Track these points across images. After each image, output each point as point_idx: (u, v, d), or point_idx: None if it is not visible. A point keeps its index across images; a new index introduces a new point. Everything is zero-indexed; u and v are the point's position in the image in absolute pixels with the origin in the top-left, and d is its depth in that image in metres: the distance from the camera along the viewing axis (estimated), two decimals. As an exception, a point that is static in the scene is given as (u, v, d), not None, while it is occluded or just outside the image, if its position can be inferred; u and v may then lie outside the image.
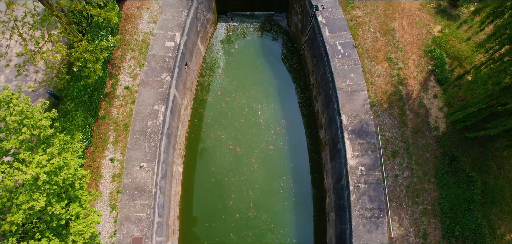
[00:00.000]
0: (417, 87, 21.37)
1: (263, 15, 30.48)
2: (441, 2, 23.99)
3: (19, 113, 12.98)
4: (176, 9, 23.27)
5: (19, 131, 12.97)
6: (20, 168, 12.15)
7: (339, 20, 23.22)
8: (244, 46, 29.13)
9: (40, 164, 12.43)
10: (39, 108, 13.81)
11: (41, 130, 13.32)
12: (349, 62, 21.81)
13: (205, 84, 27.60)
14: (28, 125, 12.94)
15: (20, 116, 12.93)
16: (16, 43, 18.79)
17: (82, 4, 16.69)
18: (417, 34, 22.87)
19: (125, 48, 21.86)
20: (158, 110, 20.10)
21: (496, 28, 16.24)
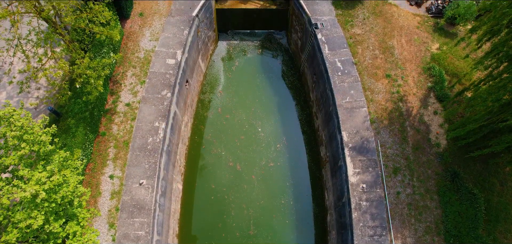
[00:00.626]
0: (417, 104, 21.44)
1: (263, 33, 30.91)
2: (439, 20, 24.37)
3: (19, 129, 12.98)
4: (177, 27, 23.62)
5: (18, 147, 12.94)
6: (19, 185, 12.04)
7: (338, 38, 23.53)
8: (244, 64, 29.40)
9: (39, 181, 12.33)
10: (39, 124, 13.82)
11: (40, 146, 13.29)
12: (349, 79, 21.96)
13: (206, 101, 27.70)
14: (27, 140, 12.92)
15: (20, 132, 12.92)
16: (19, 60, 18.99)
17: (85, 22, 16.95)
18: (416, 51, 23.14)
19: (126, 65, 22.06)
20: (159, 127, 20.09)
21: (494, 46, 16.43)
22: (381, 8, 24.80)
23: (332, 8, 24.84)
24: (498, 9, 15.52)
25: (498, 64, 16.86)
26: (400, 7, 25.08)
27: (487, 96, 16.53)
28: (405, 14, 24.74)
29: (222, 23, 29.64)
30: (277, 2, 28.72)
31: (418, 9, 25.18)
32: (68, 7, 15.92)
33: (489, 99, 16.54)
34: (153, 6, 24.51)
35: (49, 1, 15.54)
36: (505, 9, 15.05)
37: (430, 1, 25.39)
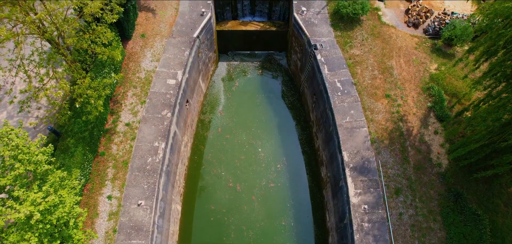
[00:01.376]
0: (417, 124, 21.40)
1: (263, 54, 31.29)
2: (436, 41, 24.70)
3: (14, 148, 12.89)
4: (178, 48, 23.94)
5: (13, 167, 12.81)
6: (14, 206, 11.83)
7: (337, 59, 23.78)
8: (244, 84, 29.61)
9: (34, 202, 12.13)
10: (36, 144, 13.74)
11: (36, 166, 13.16)
12: (348, 99, 22.03)
13: (206, 121, 27.71)
14: (22, 160, 12.79)
15: (15, 152, 12.82)
16: (21, 80, 19.12)
17: (88, 43, 17.18)
18: (415, 71, 23.32)
19: (127, 85, 22.20)
20: (158, 147, 19.99)
21: (491, 66, 16.56)
22: (379, 30, 25.20)
23: (331, 29, 25.24)
24: (494, 30, 15.75)
25: (497, 84, 16.95)
26: (398, 28, 25.48)
27: (487, 116, 16.51)
28: (403, 35, 25.12)
29: (222, 44, 30.07)
30: (276, 24, 29.23)
31: (415, 31, 25.58)
32: (71, 28, 16.19)
33: (489, 119, 16.52)
34: (155, 28, 24.94)
35: (53, 23, 15.80)
36: (501, 30, 15.27)
37: (427, 22, 25.83)
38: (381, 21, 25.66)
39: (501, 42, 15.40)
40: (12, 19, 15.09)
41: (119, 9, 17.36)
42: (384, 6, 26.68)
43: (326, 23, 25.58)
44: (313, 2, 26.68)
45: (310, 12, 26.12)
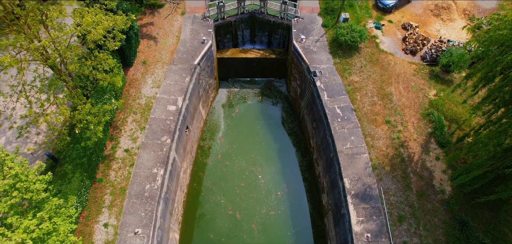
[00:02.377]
0: (418, 150, 21.24)
1: (263, 81, 31.62)
2: (434, 68, 25.01)
3: (13, 177, 12.70)
4: (179, 75, 24.21)
5: (10, 195, 12.56)
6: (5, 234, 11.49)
7: (337, 85, 23.98)
8: (244, 111, 29.70)
9: (27, 229, 11.80)
10: (34, 171, 13.56)
11: (33, 194, 12.92)
12: (348, 126, 21.99)
13: (206, 147, 27.56)
14: (20, 188, 12.58)
15: (14, 180, 12.62)
16: (22, 106, 19.19)
17: (89, 69, 17.38)
18: (414, 98, 23.44)
19: (127, 111, 22.26)
20: (157, 174, 19.73)
21: (490, 92, 16.65)
22: (377, 57, 25.59)
23: (330, 56, 25.63)
24: (491, 57, 15.96)
25: (496, 110, 16.95)
26: (396, 55, 25.88)
27: (488, 142, 16.40)
28: (401, 62, 25.47)
29: (223, 71, 30.46)
30: (276, 51, 29.74)
31: (413, 58, 25.97)
32: (74, 55, 16.43)
33: (490, 144, 16.40)
34: (156, 55, 25.35)
35: (56, 50, 16.06)
36: (497, 57, 15.46)
37: (424, 50, 26.28)
38: (379, 49, 26.11)
39: (498, 68, 15.56)
40: (17, 46, 15.35)
41: (121, 36, 17.70)
42: (381, 34, 27.24)
43: (325, 50, 26.02)
44: (311, 30, 27.29)
45: (309, 40, 26.65)
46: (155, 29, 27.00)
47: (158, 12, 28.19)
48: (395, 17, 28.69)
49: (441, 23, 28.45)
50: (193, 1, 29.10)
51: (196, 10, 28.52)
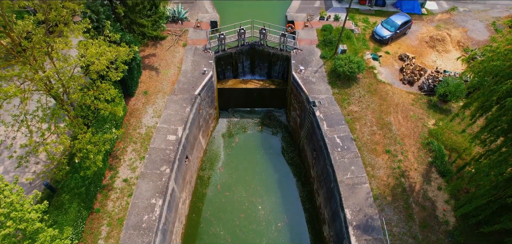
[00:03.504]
0: (419, 180, 21.04)
1: (263, 111, 31.90)
2: (432, 98, 25.31)
3: (8, 206, 12.55)
4: (180, 105, 24.48)
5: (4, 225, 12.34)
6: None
7: (336, 115, 24.17)
8: (244, 140, 29.73)
9: (20, 260, 11.48)
10: (30, 200, 13.41)
11: (28, 224, 12.69)
12: (349, 155, 21.93)
13: (205, 177, 27.33)
14: (14, 218, 12.38)
15: (8, 209, 12.45)
16: (22, 135, 19.27)
17: (91, 99, 17.62)
18: (413, 127, 23.54)
19: (127, 141, 22.31)
20: (155, 204, 19.45)
21: (488, 121, 16.74)
22: (375, 87, 25.97)
23: (328, 87, 26.02)
24: (486, 87, 16.20)
25: (495, 139, 16.97)
26: (394, 86, 26.28)
27: (488, 171, 16.29)
28: (399, 92, 25.82)
29: (223, 101, 30.81)
30: (276, 82, 30.24)
31: (411, 88, 26.35)
32: (77, 85, 16.73)
33: (491, 173, 16.27)
34: (158, 85, 25.77)
35: (60, 80, 16.39)
36: (493, 86, 15.71)
37: (422, 80, 26.72)
38: (377, 79, 26.56)
39: (494, 98, 15.75)
40: (22, 76, 15.67)
41: (123, 67, 18.10)
42: (379, 65, 27.81)
43: (323, 81, 26.47)
44: (310, 61, 27.90)
45: (308, 70, 27.18)
46: (157, 60, 27.65)
47: (160, 44, 28.99)
48: (392, 48, 29.42)
49: (437, 54, 29.14)
50: (195, 33, 30.01)
51: (198, 42, 29.33)
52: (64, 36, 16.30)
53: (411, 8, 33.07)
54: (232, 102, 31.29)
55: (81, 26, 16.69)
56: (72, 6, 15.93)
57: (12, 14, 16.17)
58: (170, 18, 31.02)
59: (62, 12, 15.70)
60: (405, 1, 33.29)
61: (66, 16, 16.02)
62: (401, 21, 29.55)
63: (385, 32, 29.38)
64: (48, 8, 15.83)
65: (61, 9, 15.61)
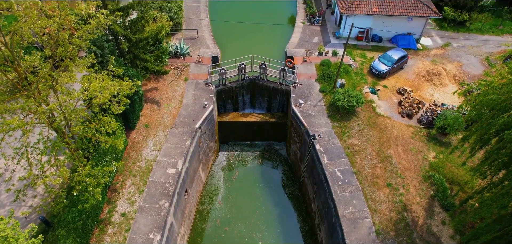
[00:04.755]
0: (422, 214, 20.66)
1: (263, 144, 31.93)
2: (430, 130, 25.45)
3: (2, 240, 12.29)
4: (180, 138, 24.58)
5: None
6: None
7: (336, 148, 24.19)
8: (244, 174, 29.52)
9: None
10: (26, 234, 13.15)
11: (22, 259, 12.36)
12: (350, 189, 21.71)
13: (204, 212, 26.85)
14: (9, 252, 12.09)
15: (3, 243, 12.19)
16: (22, 168, 19.22)
17: (93, 132, 17.74)
18: (414, 160, 23.48)
19: (127, 174, 22.18)
20: (153, 240, 18.98)
21: (487, 154, 16.74)
22: (375, 120, 26.19)
23: (328, 120, 26.25)
24: (484, 120, 16.37)
25: (496, 172, 16.88)
26: (393, 119, 26.52)
27: (491, 204, 16.05)
28: (399, 125, 26.01)
29: (223, 135, 30.94)
30: (276, 115, 30.54)
31: (410, 121, 26.57)
32: (79, 117, 16.93)
33: (494, 207, 16.03)
34: (159, 119, 26.03)
35: (62, 113, 16.60)
36: (490, 119, 15.88)
37: (420, 113, 27.00)
38: (376, 112, 26.86)
39: (492, 130, 15.86)
40: (25, 109, 15.90)
41: (126, 101, 18.39)
42: (377, 99, 28.23)
43: (323, 114, 26.75)
44: (310, 95, 28.35)
45: (307, 104, 27.55)
46: (158, 94, 28.12)
47: (162, 78, 29.62)
48: (390, 82, 30.00)
49: (434, 87, 29.66)
50: (196, 68, 30.75)
51: (199, 77, 29.98)
52: (69, 71, 16.73)
53: (407, 44, 34.12)
54: (232, 136, 31.41)
55: (86, 61, 17.18)
56: (78, 42, 16.47)
57: (21, 50, 16.71)
58: (173, 54, 31.92)
59: (69, 48, 16.22)
60: (401, 36, 34.41)
61: (72, 51, 16.53)
62: (398, 56, 30.37)
63: (382, 67, 30.10)
64: (55, 44, 16.38)
65: (68, 45, 16.14)
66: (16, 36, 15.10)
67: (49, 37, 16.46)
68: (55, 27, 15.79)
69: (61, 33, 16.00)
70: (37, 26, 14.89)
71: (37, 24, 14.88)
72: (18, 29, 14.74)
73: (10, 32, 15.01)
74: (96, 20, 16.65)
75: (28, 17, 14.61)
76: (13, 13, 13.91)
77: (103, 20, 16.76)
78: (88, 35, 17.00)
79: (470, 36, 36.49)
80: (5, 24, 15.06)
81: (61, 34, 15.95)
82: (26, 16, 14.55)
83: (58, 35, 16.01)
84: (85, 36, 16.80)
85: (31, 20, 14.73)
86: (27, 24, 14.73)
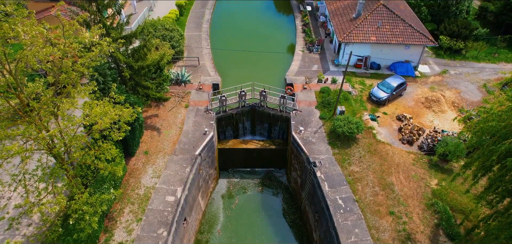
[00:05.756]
0: (427, 243, 20.13)
1: (263, 171, 31.62)
2: (432, 157, 25.29)
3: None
4: (180, 165, 24.38)
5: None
6: None
7: (337, 176, 23.95)
8: (244, 202, 29.04)
9: None
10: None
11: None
12: (352, 217, 21.28)
13: (203, 241, 26.16)
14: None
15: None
16: (18, 195, 18.90)
17: (92, 159, 17.61)
18: (416, 187, 23.17)
19: (125, 201, 21.80)
20: (150, 270, 18.39)
21: (491, 181, 16.56)
22: (375, 147, 26.09)
23: (328, 147, 26.15)
24: (485, 147, 16.31)
25: (501, 199, 16.63)
26: (394, 145, 26.43)
27: (498, 233, 15.69)
28: (399, 152, 25.88)
29: (223, 162, 30.71)
30: (276, 142, 30.45)
31: (410, 147, 26.47)
32: (79, 144, 16.85)
33: (501, 236, 15.65)
34: (159, 145, 25.93)
35: (62, 139, 16.55)
36: (491, 146, 15.82)
37: (421, 139, 26.94)
38: (377, 139, 26.81)
39: (494, 157, 15.76)
40: (26, 136, 15.85)
41: (126, 127, 18.37)
42: (377, 125, 28.27)
43: (323, 141, 26.69)
44: (310, 122, 28.42)
45: (308, 131, 27.55)
46: (159, 120, 28.18)
47: (163, 105, 29.81)
48: (389, 109, 30.16)
49: (433, 114, 29.79)
50: (197, 95, 31.01)
51: (200, 104, 30.18)
52: (71, 97, 16.83)
53: (405, 71, 34.63)
54: (233, 163, 31.18)
55: (88, 88, 17.33)
56: (81, 69, 16.69)
57: (24, 77, 16.89)
58: (174, 81, 32.31)
59: (72, 74, 16.42)
60: (399, 64, 35.00)
61: (74, 78, 16.71)
62: (397, 83, 30.72)
63: (381, 94, 30.38)
64: (59, 72, 16.59)
65: (71, 72, 16.34)
66: (21, 63, 15.31)
67: (52, 65, 16.69)
68: (59, 55, 16.05)
69: (64, 60, 16.25)
70: (42, 54, 15.13)
71: (42, 52, 15.13)
72: (23, 57, 14.97)
73: (15, 60, 15.23)
74: (99, 47, 16.96)
75: (34, 45, 14.87)
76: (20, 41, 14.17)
77: (106, 48, 17.08)
78: (91, 62, 17.25)
79: (466, 63, 37.13)
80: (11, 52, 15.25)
81: (65, 62, 16.19)
82: (32, 44, 14.82)
83: (62, 62, 16.25)
84: (88, 63, 17.04)
85: (37, 48, 14.99)
86: (32, 52, 14.97)
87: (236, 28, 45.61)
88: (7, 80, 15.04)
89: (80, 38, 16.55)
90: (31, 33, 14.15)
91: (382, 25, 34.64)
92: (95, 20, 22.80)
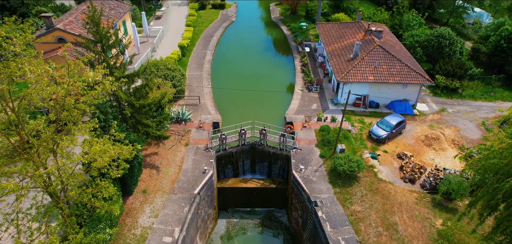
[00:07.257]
0: (436, 288, 19.17)
1: (263, 211, 30.88)
2: (435, 196, 24.80)
3: None
4: (178, 205, 23.85)
5: None
6: None
7: (339, 215, 23.35)
8: (244, 243, 28.04)
9: None
10: None
11: None
12: (355, 259, 20.46)
13: (201, 286, 24.94)
14: None
15: None
16: (9, 236, 18.25)
17: (89, 197, 17.24)
18: (420, 227, 22.49)
19: (120, 242, 21.05)
20: None
21: (498, 221, 16.13)
22: (377, 186, 25.69)
23: (329, 186, 25.75)
24: (489, 185, 16.08)
25: (510, 240, 16.09)
26: (396, 184, 26.03)
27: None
28: (402, 190, 25.43)
29: (222, 201, 30.07)
30: (276, 181, 30.02)
31: (412, 186, 26.05)
32: (76, 182, 16.59)
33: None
34: (157, 184, 25.53)
35: (59, 177, 16.31)
36: (495, 184, 15.60)
37: (423, 178, 26.59)
38: (378, 178, 26.46)
39: (499, 196, 15.49)
40: (22, 173, 15.64)
41: (125, 165, 18.20)
42: (378, 164, 28.03)
43: (324, 180, 26.33)
44: (310, 160, 28.21)
45: (308, 170, 27.27)
46: (158, 159, 27.99)
47: (163, 143, 29.75)
48: (389, 147, 30.08)
49: (434, 152, 29.66)
50: (197, 133, 31.06)
51: (200, 142, 30.15)
52: (72, 134, 16.82)
53: (404, 110, 34.99)
54: (232, 202, 30.52)
55: (89, 126, 17.38)
56: (84, 107, 16.85)
57: (26, 115, 17.00)
58: (174, 119, 32.53)
59: (73, 112, 16.53)
60: (397, 102, 35.44)
61: (76, 116, 16.82)
62: (396, 122, 30.91)
63: (381, 132, 30.45)
64: (61, 109, 16.73)
65: (72, 110, 16.47)
66: (25, 101, 15.48)
67: (55, 102, 16.87)
68: (63, 93, 16.27)
69: (67, 98, 16.45)
70: (46, 92, 15.34)
71: (46, 91, 15.34)
72: (27, 94, 15.17)
73: (19, 98, 15.41)
74: (102, 86, 17.24)
75: (39, 84, 15.12)
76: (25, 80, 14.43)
77: (109, 86, 17.35)
78: (93, 100, 17.44)
79: (463, 102, 37.62)
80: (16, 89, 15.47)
81: (67, 99, 16.38)
82: (37, 83, 15.07)
83: (65, 100, 16.43)
84: (90, 101, 17.23)
85: (41, 87, 15.23)
86: (36, 90, 15.19)
87: (237, 68, 46.78)
88: (9, 118, 15.12)
89: (83, 77, 16.88)
90: (37, 72, 14.44)
91: (379, 65, 35.55)
92: (99, 60, 23.44)
